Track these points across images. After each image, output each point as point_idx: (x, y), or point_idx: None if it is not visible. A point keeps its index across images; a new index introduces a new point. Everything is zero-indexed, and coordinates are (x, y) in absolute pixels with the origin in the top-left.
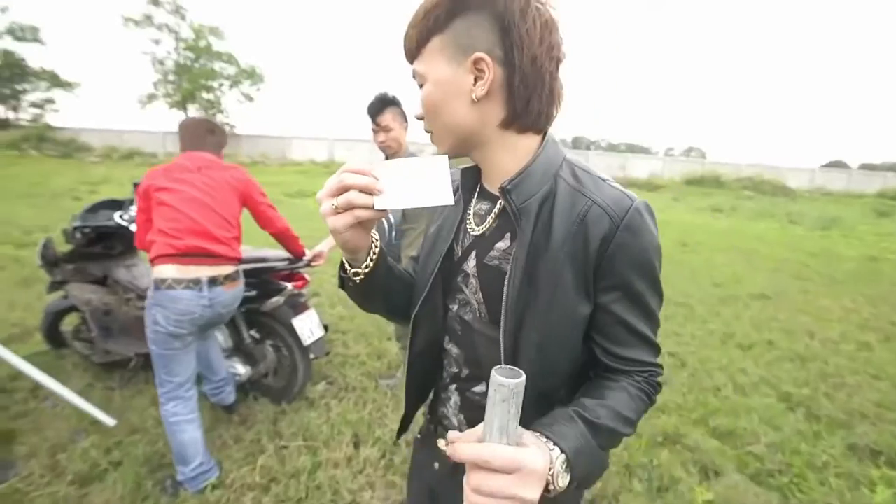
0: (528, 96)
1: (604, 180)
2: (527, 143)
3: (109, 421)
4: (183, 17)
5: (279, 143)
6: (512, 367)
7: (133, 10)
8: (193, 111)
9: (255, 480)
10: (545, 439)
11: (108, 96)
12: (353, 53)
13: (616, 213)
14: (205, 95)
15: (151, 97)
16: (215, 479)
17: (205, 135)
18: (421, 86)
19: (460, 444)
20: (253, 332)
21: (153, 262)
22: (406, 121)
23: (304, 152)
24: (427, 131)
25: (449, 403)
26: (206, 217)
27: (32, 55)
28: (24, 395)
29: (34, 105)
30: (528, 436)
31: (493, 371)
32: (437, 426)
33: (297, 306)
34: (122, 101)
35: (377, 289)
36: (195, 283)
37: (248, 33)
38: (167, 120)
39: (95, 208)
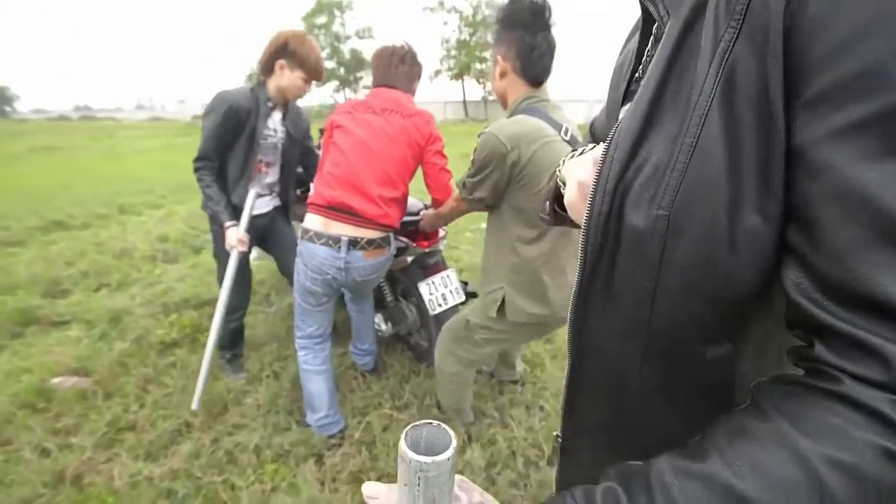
0: None
1: None
2: None
3: None
4: None
5: None
6: (445, 426)
7: (430, 0)
8: (469, 81)
9: (356, 436)
10: None
11: None
12: None
13: None
14: (478, 66)
15: (437, 72)
16: (338, 431)
17: (395, 64)
18: None
19: None
20: (397, 291)
21: (307, 207)
22: (508, 58)
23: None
24: None
25: None
26: (371, 170)
27: (366, 48)
28: (260, 298)
29: (366, 87)
30: None
31: (404, 432)
32: None
33: (428, 268)
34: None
35: None
36: (334, 241)
37: None
38: (447, 91)
39: None
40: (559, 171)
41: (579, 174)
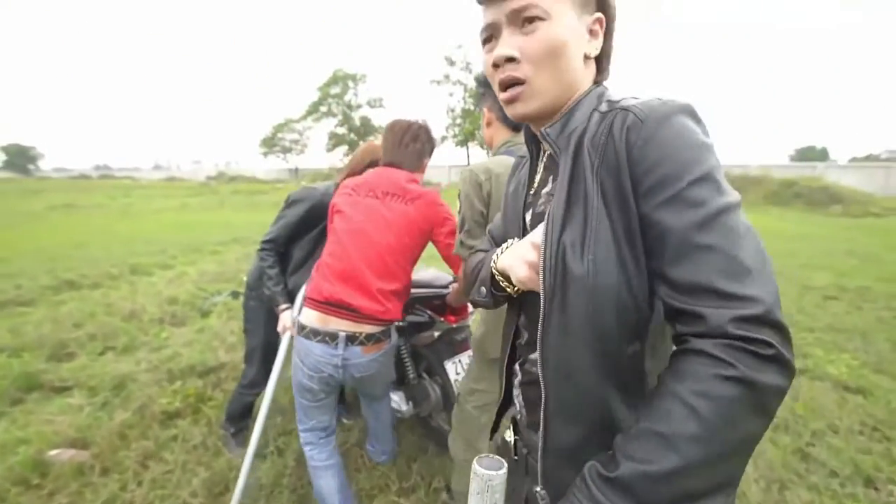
0: (609, 53)
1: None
2: None
3: None
4: (470, 72)
5: None
6: (500, 458)
7: (437, 74)
8: (472, 147)
9: None
10: None
11: None
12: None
13: (643, 110)
14: (481, 133)
15: (443, 138)
16: None
17: (406, 143)
18: (529, 19)
19: None
20: (420, 368)
21: (305, 301)
22: (493, 110)
23: None
24: (516, 82)
25: (515, 379)
26: (370, 262)
27: (376, 116)
28: None
29: None
30: None
31: (475, 459)
32: (506, 405)
33: (455, 344)
34: None
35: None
36: (332, 337)
37: None
38: (453, 156)
39: None
40: (495, 263)
41: (527, 256)
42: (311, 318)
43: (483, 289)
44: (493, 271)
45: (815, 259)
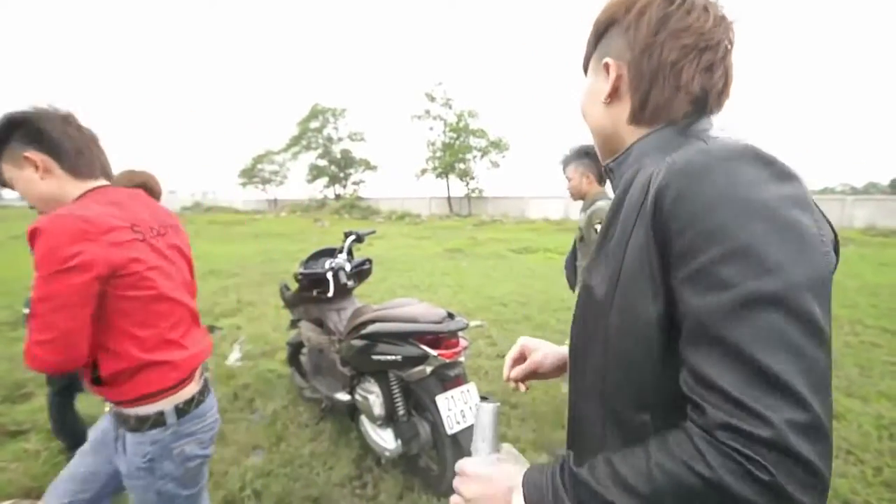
0: (648, 89)
1: (715, 138)
2: None
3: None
4: (450, 107)
5: (518, 202)
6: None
7: (418, 109)
8: (453, 179)
9: None
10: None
11: (397, 173)
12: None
13: (675, 159)
14: (461, 166)
15: (424, 171)
16: None
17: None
18: None
19: None
20: (410, 404)
21: (154, 398)
22: (592, 173)
23: (540, 211)
24: None
25: None
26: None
27: (357, 149)
28: (242, 403)
29: (354, 183)
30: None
31: (478, 398)
32: None
33: (448, 380)
34: (404, 177)
35: None
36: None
37: (499, 108)
38: (432, 187)
39: (315, 256)
40: None
41: None
42: (190, 391)
43: None
44: None
45: None
